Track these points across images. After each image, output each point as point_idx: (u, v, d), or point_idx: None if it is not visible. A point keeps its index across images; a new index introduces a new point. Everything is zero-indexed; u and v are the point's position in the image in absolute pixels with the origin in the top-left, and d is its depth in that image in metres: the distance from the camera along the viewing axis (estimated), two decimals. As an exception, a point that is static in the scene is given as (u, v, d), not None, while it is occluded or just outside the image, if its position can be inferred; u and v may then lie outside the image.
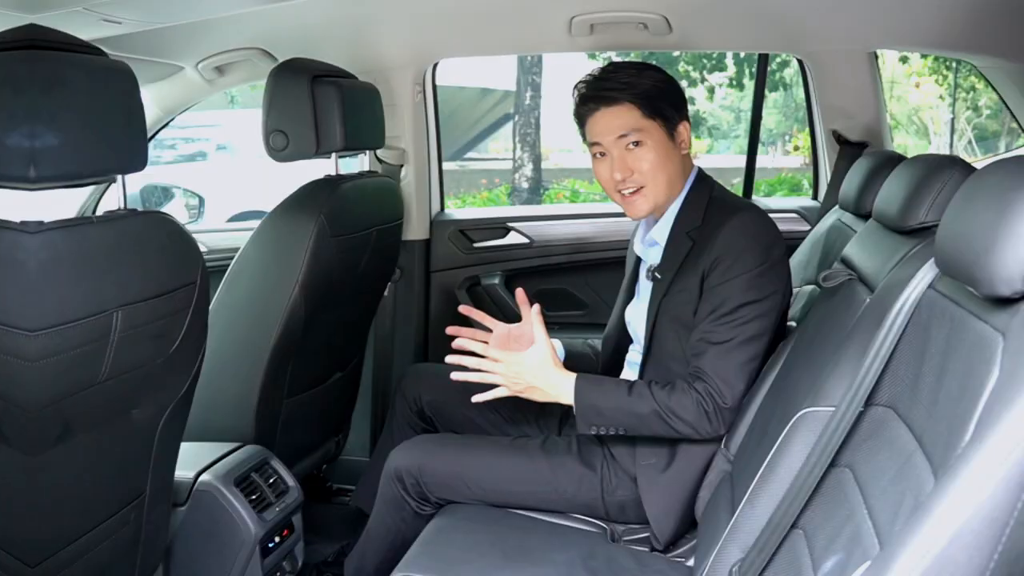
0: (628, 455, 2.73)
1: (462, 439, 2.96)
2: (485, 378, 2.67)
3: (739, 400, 2.56)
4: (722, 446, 2.64)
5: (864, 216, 2.97)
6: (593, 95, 2.73)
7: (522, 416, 3.13)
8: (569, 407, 2.65)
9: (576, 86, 2.79)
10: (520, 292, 2.81)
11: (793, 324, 2.89)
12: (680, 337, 2.70)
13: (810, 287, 3.25)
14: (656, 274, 2.79)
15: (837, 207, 3.46)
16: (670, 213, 2.79)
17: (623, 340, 3.03)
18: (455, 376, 2.70)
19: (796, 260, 3.60)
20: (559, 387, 2.65)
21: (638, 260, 3.00)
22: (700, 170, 2.85)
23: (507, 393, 2.69)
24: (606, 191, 2.83)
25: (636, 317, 2.92)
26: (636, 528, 2.74)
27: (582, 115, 2.79)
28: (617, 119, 2.70)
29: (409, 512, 2.81)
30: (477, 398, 2.72)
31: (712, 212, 2.74)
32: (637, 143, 2.69)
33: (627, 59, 2.78)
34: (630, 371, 2.95)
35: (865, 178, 3.01)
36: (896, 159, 2.95)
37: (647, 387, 2.61)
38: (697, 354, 2.60)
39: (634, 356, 2.95)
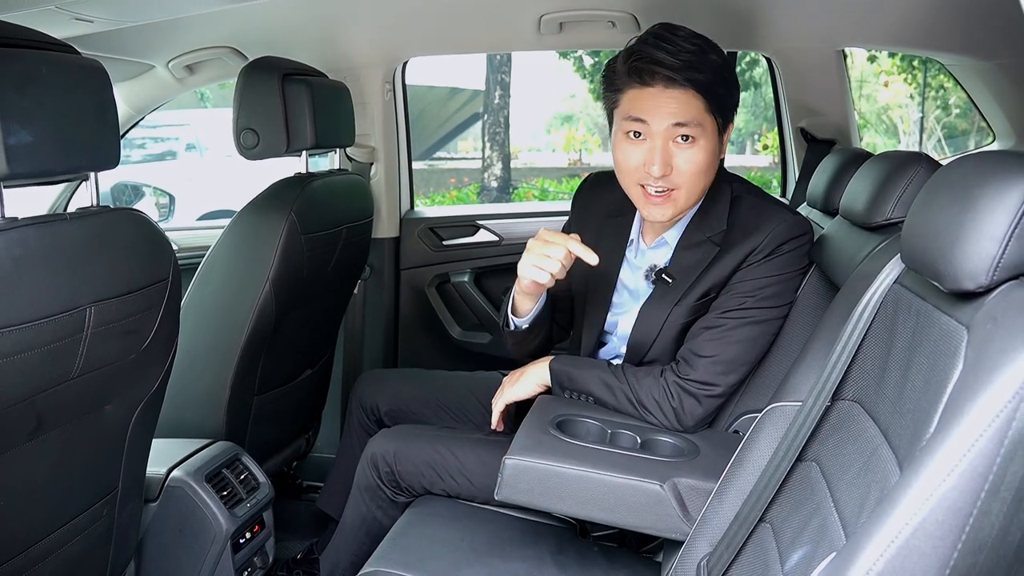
0: None
1: (439, 431, 2.92)
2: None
3: (718, 392, 2.43)
4: None
5: (831, 213, 2.96)
6: (651, 68, 2.33)
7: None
8: None
9: (629, 50, 2.38)
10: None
11: None
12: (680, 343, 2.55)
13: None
14: (666, 276, 2.58)
15: (805, 204, 3.47)
16: (687, 216, 2.57)
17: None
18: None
19: None
20: (540, 363, 2.67)
21: (615, 263, 2.75)
22: (723, 169, 2.60)
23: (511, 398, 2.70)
24: (624, 181, 2.50)
25: (626, 322, 2.72)
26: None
27: (621, 86, 2.42)
28: (676, 105, 2.34)
29: (384, 500, 2.77)
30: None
31: (740, 214, 2.53)
32: (688, 138, 2.37)
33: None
34: None
35: (833, 175, 2.97)
36: (863, 156, 2.95)
37: (622, 369, 2.55)
38: (690, 337, 2.48)
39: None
